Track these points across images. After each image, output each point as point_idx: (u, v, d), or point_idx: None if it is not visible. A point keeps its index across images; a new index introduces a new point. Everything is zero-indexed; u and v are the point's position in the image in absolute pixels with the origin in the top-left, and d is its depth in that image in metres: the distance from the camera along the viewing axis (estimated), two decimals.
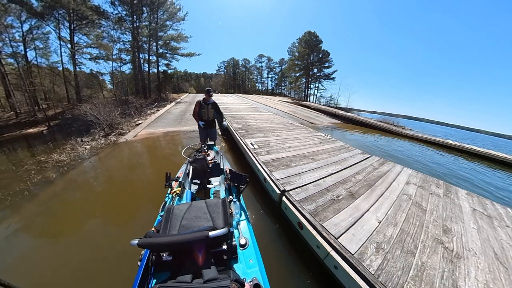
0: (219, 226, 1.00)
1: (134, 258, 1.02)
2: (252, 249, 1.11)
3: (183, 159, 4.13)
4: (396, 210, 1.85)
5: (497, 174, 5.55)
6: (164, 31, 15.99)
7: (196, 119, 3.56)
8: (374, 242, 1.39)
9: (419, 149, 7.74)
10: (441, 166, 5.58)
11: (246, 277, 0.94)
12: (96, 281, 1.50)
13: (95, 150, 4.98)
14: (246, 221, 1.34)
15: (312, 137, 4.58)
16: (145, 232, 0.94)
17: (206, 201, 1.18)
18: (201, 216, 1.07)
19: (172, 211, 1.11)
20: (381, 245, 1.37)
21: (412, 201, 2.10)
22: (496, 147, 13.28)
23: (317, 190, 2.04)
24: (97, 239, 1.93)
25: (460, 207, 2.22)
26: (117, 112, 7.38)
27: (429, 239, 1.55)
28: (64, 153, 4.91)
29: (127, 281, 0.97)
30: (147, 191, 2.85)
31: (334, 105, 23.17)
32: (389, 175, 2.71)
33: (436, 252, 1.41)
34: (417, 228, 1.64)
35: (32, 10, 11.53)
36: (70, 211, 2.45)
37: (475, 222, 1.97)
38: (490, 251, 1.57)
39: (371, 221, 1.61)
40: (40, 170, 3.93)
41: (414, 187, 2.50)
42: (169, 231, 1.02)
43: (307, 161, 2.88)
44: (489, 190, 4.17)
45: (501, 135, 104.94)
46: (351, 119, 13.72)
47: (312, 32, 27.99)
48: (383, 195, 2.09)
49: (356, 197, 1.95)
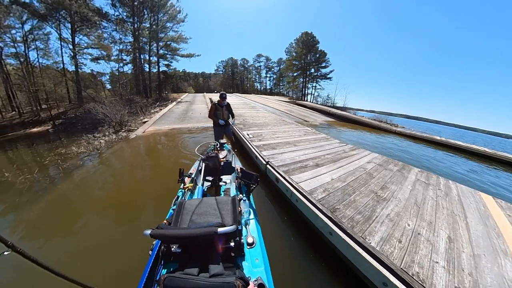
0: (227, 223, 1.03)
1: (146, 247, 1.08)
2: (259, 249, 1.11)
3: (188, 149, 4.79)
4: (348, 175, 2.55)
5: (474, 164, 6.29)
6: (164, 33, 16.56)
7: (214, 119, 3.77)
8: (323, 187, 2.11)
9: (404, 143, 8.44)
10: (410, 154, 6.31)
11: (251, 276, 0.93)
12: (111, 263, 1.62)
13: (110, 144, 5.62)
14: (255, 220, 1.34)
15: (299, 130, 5.30)
16: (157, 223, 0.98)
17: (217, 198, 1.22)
18: (211, 212, 1.11)
19: (183, 206, 1.16)
20: (327, 189, 2.08)
21: (366, 172, 2.79)
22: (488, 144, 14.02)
23: (291, 162, 2.79)
24: (118, 220, 2.23)
25: (405, 177, 2.91)
26: (126, 111, 8.02)
27: (367, 190, 2.24)
28: (82, 146, 5.55)
29: (139, 267, 1.00)
30: (159, 181, 3.21)
31: (331, 104, 23.70)
32: (355, 156, 3.42)
33: (367, 196, 2.10)
34: (360, 185, 2.34)
35: (36, 12, 11.81)
36: (94, 192, 2.93)
37: (412, 185, 2.65)
38: (412, 198, 2.25)
39: (325, 179, 2.32)
40: (64, 159, 4.54)
41: (373, 164, 3.19)
42: (180, 225, 1.06)
43: (289, 146, 3.62)
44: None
45: (497, 133, 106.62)
46: (344, 118, 14.39)
47: (309, 32, 28.65)
48: (343, 167, 2.80)
49: (319, 166, 2.68)
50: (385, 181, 2.60)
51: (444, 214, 2.02)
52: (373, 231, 1.56)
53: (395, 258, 1.34)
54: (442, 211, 2.07)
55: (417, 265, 1.31)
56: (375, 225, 1.64)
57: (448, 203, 2.29)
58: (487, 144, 12.93)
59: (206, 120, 8.55)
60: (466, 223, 1.93)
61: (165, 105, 12.79)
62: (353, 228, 1.55)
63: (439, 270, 1.30)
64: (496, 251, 1.58)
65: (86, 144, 5.84)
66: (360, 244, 1.41)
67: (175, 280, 0.71)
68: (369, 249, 1.36)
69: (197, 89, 42.55)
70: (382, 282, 1.25)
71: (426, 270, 1.28)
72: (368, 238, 1.47)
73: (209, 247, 0.92)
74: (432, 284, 1.19)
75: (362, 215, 1.76)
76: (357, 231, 1.53)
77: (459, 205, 2.29)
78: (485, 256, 1.50)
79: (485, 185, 4.35)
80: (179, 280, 0.71)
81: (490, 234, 1.80)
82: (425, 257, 1.39)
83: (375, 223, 1.67)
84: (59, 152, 5.19)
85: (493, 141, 19.68)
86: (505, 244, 1.68)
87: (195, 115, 9.70)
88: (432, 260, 1.37)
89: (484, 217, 2.11)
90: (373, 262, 1.30)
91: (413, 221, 1.79)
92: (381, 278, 1.25)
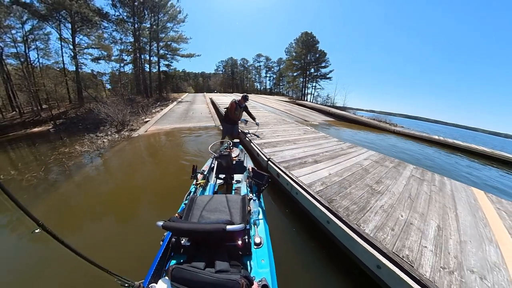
0: (236, 221, 1.04)
1: (157, 237, 1.13)
2: (265, 249, 1.11)
3: (191, 148, 4.90)
4: (345, 171, 2.67)
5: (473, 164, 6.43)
6: (165, 33, 16.65)
7: (233, 116, 3.92)
8: (321, 181, 2.23)
9: (399, 142, 8.57)
10: (407, 152, 6.43)
11: (255, 276, 0.93)
12: (123, 250, 1.73)
13: (114, 143, 5.72)
14: (264, 221, 1.34)
15: (298, 129, 5.42)
16: (169, 216, 1.02)
17: (227, 196, 1.24)
18: (220, 209, 1.13)
19: (195, 201, 1.19)
20: (325, 183, 2.21)
21: (362, 168, 2.91)
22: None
23: (291, 158, 2.91)
24: (128, 213, 2.34)
25: (400, 173, 3.03)
26: (128, 110, 8.12)
27: (362, 184, 2.36)
28: (85, 145, 5.64)
29: (150, 256, 1.04)
30: (165, 177, 3.31)
31: (331, 104, 23.83)
32: (352, 154, 3.54)
33: (363, 189, 2.22)
34: (356, 180, 2.46)
35: (37, 12, 11.81)
36: (101, 188, 3.02)
37: (407, 181, 2.77)
38: (406, 192, 2.37)
39: (323, 173, 2.45)
40: (69, 158, 4.63)
41: (370, 161, 3.31)
42: (190, 219, 1.09)
43: (289, 144, 3.74)
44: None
45: (497, 133, 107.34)
46: (344, 117, 14.52)
47: (309, 32, 28.79)
48: (340, 163, 2.92)
49: (318, 162, 2.81)
50: (380, 176, 2.72)
51: (436, 207, 2.14)
52: (367, 219, 1.68)
53: (388, 243, 1.45)
54: (435, 204, 2.19)
55: (407, 249, 1.42)
56: (369, 214, 1.76)
57: (441, 197, 2.40)
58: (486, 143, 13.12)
59: (207, 120, 8.66)
60: (456, 215, 2.05)
61: (166, 105, 12.88)
62: (348, 217, 1.67)
63: (427, 253, 1.42)
64: (482, 238, 1.70)
65: (89, 143, 5.92)
66: (355, 231, 1.52)
67: (183, 272, 0.74)
68: (364, 235, 1.48)
69: (197, 89, 42.61)
70: (376, 265, 1.36)
71: (416, 253, 1.40)
72: (362, 226, 1.59)
73: (217, 243, 0.94)
74: (420, 264, 1.30)
75: (357, 205, 1.88)
76: (352, 219, 1.65)
77: (451, 199, 2.41)
78: (471, 242, 1.62)
79: (479, 180, 4.49)
80: (186, 272, 0.74)
81: (478, 224, 1.92)
82: (415, 242, 1.51)
83: (369, 213, 1.79)
84: (63, 151, 5.25)
85: (493, 140, 19.89)
86: (491, 233, 1.80)
87: (196, 114, 9.80)
88: (421, 245, 1.49)
89: (474, 210, 2.23)
90: (367, 247, 1.42)
91: (406, 213, 1.90)
92: (375, 261, 1.37)
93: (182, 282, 0.74)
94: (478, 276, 1.28)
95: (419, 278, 1.19)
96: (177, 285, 0.74)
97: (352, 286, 1.55)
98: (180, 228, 0.90)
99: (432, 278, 1.21)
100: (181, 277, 0.74)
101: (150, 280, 0.90)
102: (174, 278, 0.75)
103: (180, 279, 0.74)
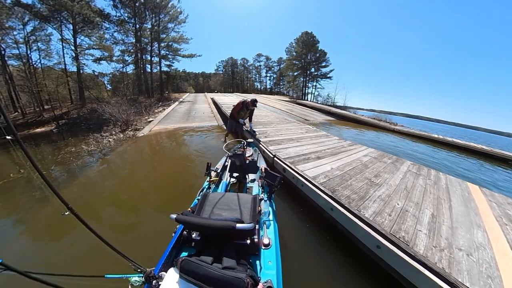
0: (246, 220, 1.05)
1: (170, 229, 1.18)
2: (273, 251, 1.10)
3: (195, 147, 5.05)
4: (346, 166, 2.84)
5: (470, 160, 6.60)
6: (166, 33, 16.77)
7: (236, 115, 4.21)
8: (324, 174, 2.41)
9: (398, 140, 8.75)
10: (404, 150, 6.61)
11: (261, 277, 0.93)
12: (136, 239, 1.85)
13: (119, 142, 5.85)
14: (274, 222, 1.33)
15: (300, 128, 5.60)
16: (181, 210, 1.05)
17: (239, 195, 1.25)
18: (232, 207, 1.15)
19: (207, 197, 1.22)
20: (328, 176, 2.38)
21: (362, 163, 3.08)
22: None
23: (296, 155, 3.09)
24: (143, 207, 2.48)
25: (398, 168, 3.20)
26: (132, 111, 8.26)
27: (361, 177, 2.53)
28: (91, 145, 5.77)
29: (162, 245, 1.09)
30: (173, 174, 3.41)
31: (331, 104, 23.95)
32: (353, 151, 3.71)
33: (362, 181, 2.39)
34: (356, 173, 2.63)
35: (38, 14, 11.86)
36: (111, 184, 3.13)
37: (403, 175, 2.93)
38: (402, 185, 2.53)
39: (326, 168, 2.62)
40: (76, 157, 4.75)
41: (369, 157, 3.48)
42: (202, 214, 1.12)
43: (293, 142, 3.91)
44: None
45: (500, 132, 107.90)
46: (344, 116, 14.70)
47: (309, 32, 28.92)
48: (341, 159, 3.10)
49: (321, 158, 2.99)
50: (378, 170, 2.89)
51: (430, 198, 2.31)
52: (367, 206, 1.85)
53: (386, 226, 1.62)
54: (429, 196, 2.35)
55: (404, 232, 1.59)
56: (368, 202, 1.93)
57: (436, 190, 2.57)
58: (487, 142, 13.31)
59: (210, 120, 8.81)
60: (450, 205, 2.21)
61: (168, 105, 13.00)
62: (350, 204, 1.84)
63: (421, 236, 1.58)
64: (471, 224, 1.87)
65: (95, 142, 6.04)
66: (356, 216, 1.69)
67: (191, 264, 0.77)
68: (364, 219, 1.64)
69: (197, 89, 42.67)
70: (376, 245, 1.53)
71: (411, 235, 1.57)
72: (362, 211, 1.76)
73: (226, 240, 0.96)
74: (415, 244, 1.47)
75: (357, 195, 2.05)
76: (353, 206, 1.82)
77: (445, 192, 2.57)
78: (461, 227, 1.79)
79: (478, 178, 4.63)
80: (194, 265, 0.76)
81: (469, 213, 2.09)
82: (411, 227, 1.68)
83: (368, 201, 1.96)
84: (69, 150, 5.35)
85: (493, 139, 20.08)
86: (480, 220, 1.97)
87: (198, 114, 9.95)
88: (416, 229, 1.65)
89: (467, 201, 2.40)
90: (367, 229, 1.58)
91: (402, 202, 2.07)
92: (374, 242, 1.53)
93: (190, 274, 0.76)
94: (465, 253, 1.44)
95: (414, 254, 1.36)
96: (185, 276, 0.77)
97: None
98: (192, 222, 0.93)
99: (425, 254, 1.38)
100: (190, 269, 0.77)
101: (161, 269, 0.93)
102: (183, 270, 0.78)
103: (188, 271, 0.77)
